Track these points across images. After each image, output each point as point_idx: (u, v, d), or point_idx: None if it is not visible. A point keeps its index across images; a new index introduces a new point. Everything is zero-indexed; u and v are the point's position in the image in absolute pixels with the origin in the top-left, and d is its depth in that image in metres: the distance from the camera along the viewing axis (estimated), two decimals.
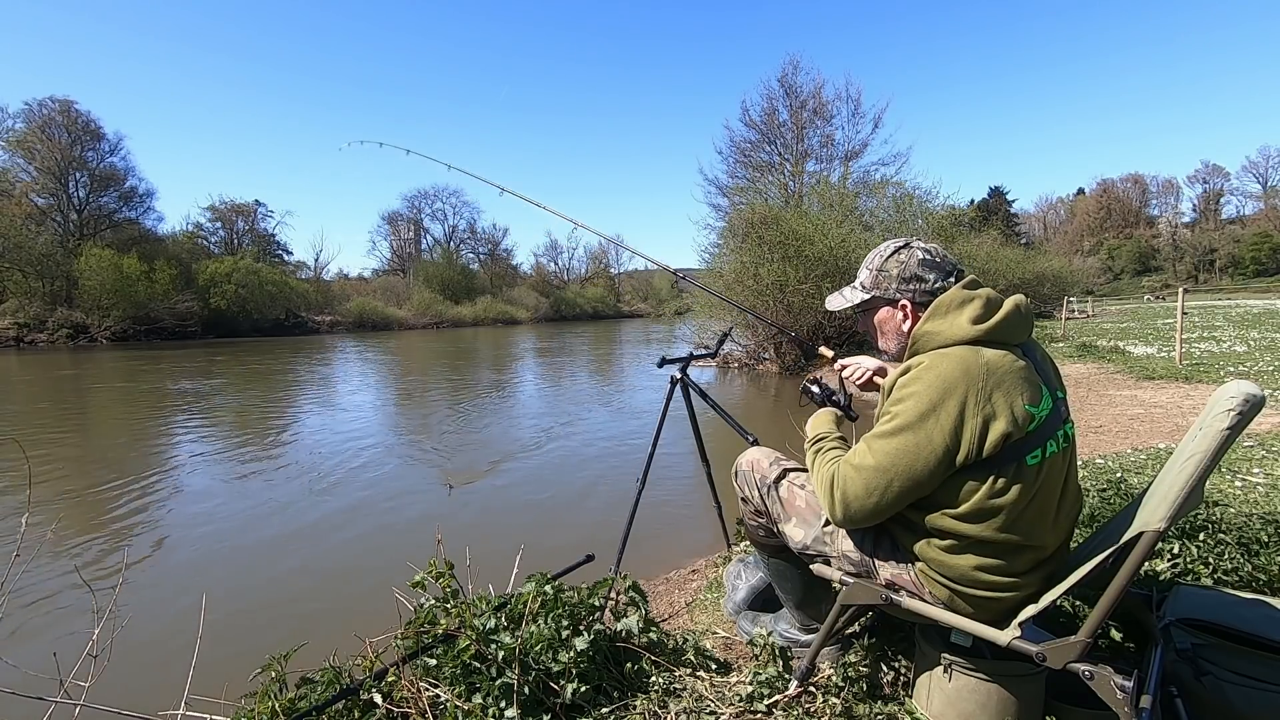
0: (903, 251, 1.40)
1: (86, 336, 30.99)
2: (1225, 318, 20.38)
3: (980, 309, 1.27)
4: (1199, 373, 8.03)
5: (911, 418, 1.21)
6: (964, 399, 1.18)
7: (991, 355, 1.22)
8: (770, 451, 1.72)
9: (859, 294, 1.46)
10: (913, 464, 1.21)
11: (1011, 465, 1.19)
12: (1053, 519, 1.28)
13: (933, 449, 1.19)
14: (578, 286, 71.39)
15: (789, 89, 24.57)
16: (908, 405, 1.22)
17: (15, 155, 35.30)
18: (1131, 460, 3.95)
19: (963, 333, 1.25)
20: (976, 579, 1.26)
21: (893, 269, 1.39)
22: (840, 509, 1.29)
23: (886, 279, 1.39)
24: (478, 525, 4.49)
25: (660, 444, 2.54)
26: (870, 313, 1.46)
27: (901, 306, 1.38)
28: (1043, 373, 1.28)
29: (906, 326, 1.38)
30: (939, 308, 1.30)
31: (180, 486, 5.61)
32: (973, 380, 1.18)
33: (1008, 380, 1.19)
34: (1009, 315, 1.27)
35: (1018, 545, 1.24)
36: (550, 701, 1.47)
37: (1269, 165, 66.80)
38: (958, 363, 1.21)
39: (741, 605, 2.07)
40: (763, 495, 1.63)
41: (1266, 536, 2.09)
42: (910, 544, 1.34)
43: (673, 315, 21.62)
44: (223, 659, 2.61)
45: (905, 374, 1.27)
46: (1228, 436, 1.05)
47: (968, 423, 1.18)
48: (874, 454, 1.24)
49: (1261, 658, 1.28)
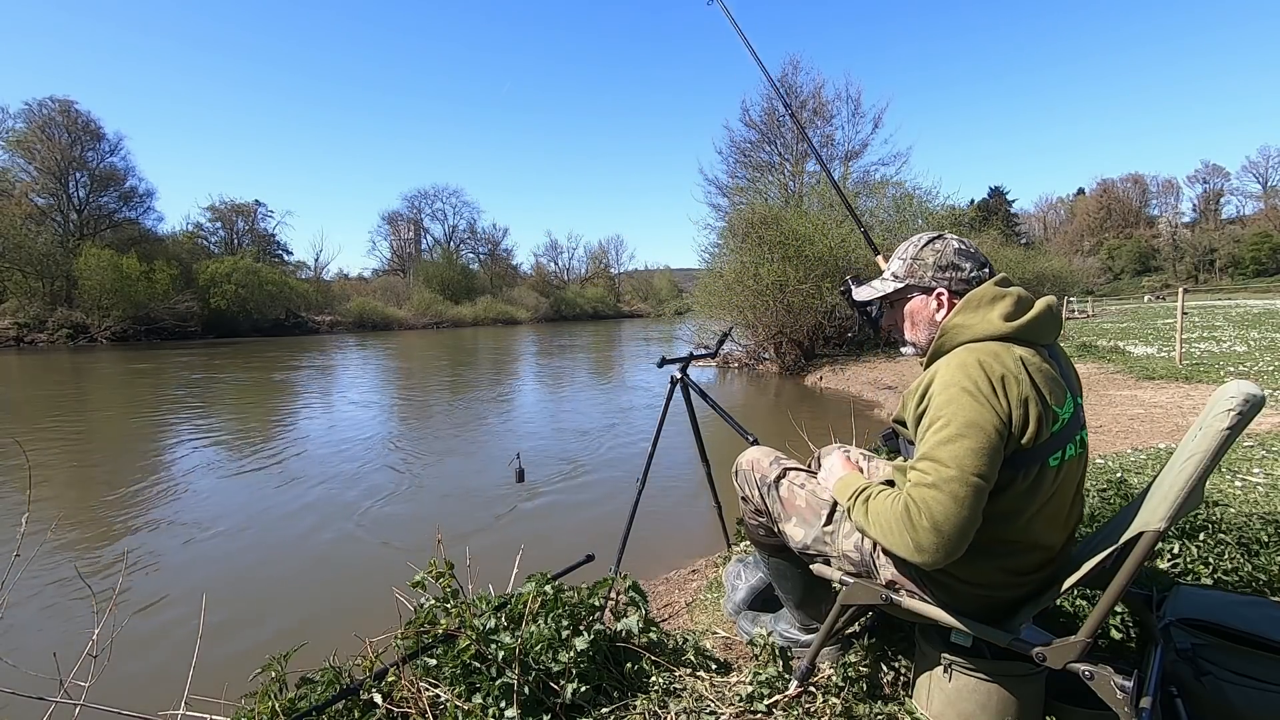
0: (938, 241, 1.39)
1: (86, 336, 31.00)
2: (1225, 318, 20.37)
3: (1012, 306, 1.26)
4: (1199, 373, 8.03)
5: (969, 414, 1.15)
6: (1007, 389, 1.16)
7: (1023, 351, 1.22)
8: (770, 451, 1.72)
9: (891, 283, 1.42)
10: (987, 460, 1.13)
11: (1035, 465, 1.19)
12: (1063, 522, 1.28)
13: (997, 439, 1.14)
14: (578, 286, 71.42)
15: (789, 89, 24.55)
16: (961, 402, 1.16)
17: (15, 155, 35.41)
18: (1131, 460, 3.95)
19: (994, 328, 1.24)
20: (984, 579, 1.26)
21: (929, 257, 1.37)
22: (933, 537, 1.12)
23: (922, 267, 1.37)
24: (478, 525, 4.49)
25: (660, 444, 2.54)
26: (901, 303, 1.43)
27: (937, 295, 1.36)
28: (1066, 376, 1.28)
29: (940, 316, 1.35)
30: (971, 301, 1.28)
31: (180, 486, 5.61)
32: (1010, 372, 1.17)
33: (1038, 378, 1.19)
34: (1040, 315, 1.26)
35: (1029, 546, 1.24)
36: (550, 701, 1.47)
37: (1269, 165, 66.82)
38: (994, 355, 1.19)
39: (741, 605, 2.07)
40: (763, 494, 1.63)
41: (1266, 536, 2.09)
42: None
43: (672, 315, 21.61)
44: (223, 659, 2.62)
45: (938, 375, 1.22)
46: (1228, 436, 1.05)
47: (1014, 411, 1.15)
48: (946, 464, 1.13)
49: (1261, 658, 1.28)
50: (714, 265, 16.11)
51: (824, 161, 3.16)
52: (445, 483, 5.69)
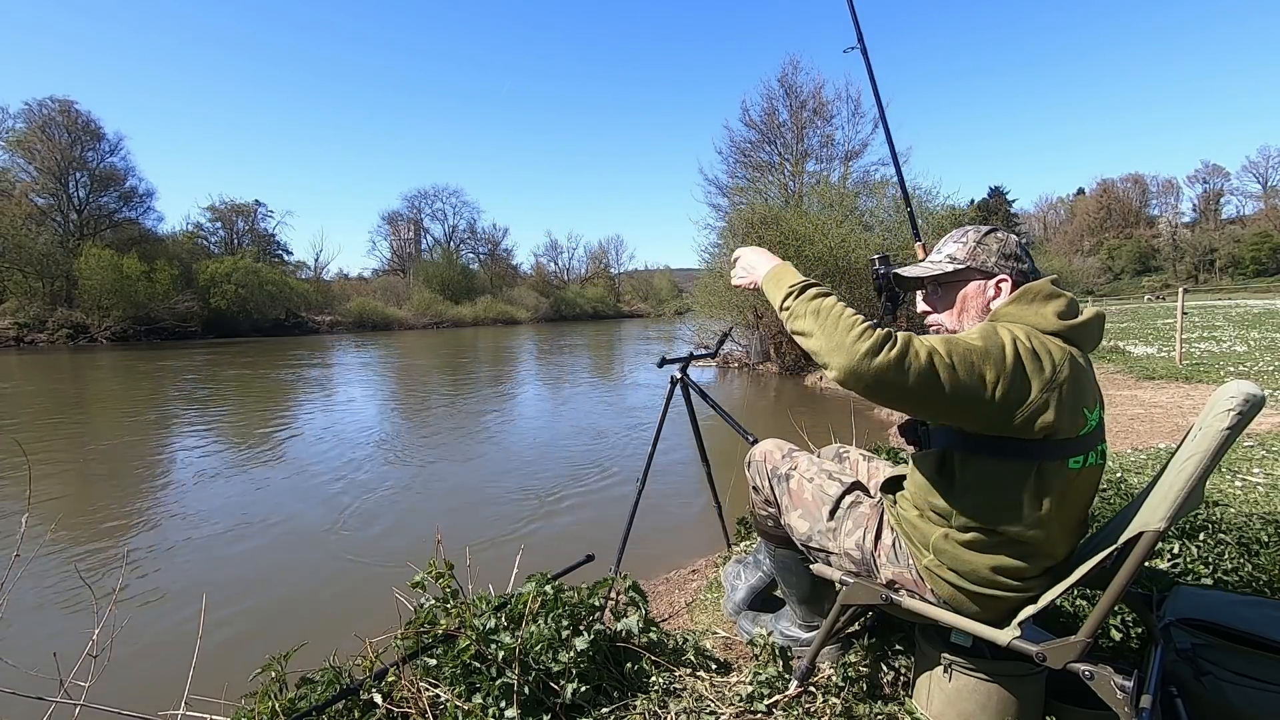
0: (1000, 231, 1.39)
1: (86, 336, 31.00)
2: (1225, 318, 20.38)
3: (1065, 306, 1.27)
4: (1199, 373, 8.03)
5: (996, 350, 1.14)
6: (1041, 364, 1.15)
7: (1071, 349, 1.22)
8: (784, 443, 1.73)
9: (948, 264, 1.37)
10: (977, 381, 1.10)
11: (1055, 462, 1.19)
12: (1073, 529, 1.28)
13: (1000, 389, 1.11)
14: (578, 286, 71.43)
15: (789, 89, 24.51)
16: (995, 340, 1.16)
17: (15, 155, 35.39)
18: (1131, 460, 3.95)
19: (1047, 323, 1.24)
20: (990, 579, 1.25)
21: (993, 244, 1.36)
22: (855, 345, 1.08)
23: (986, 252, 1.35)
24: (478, 525, 4.49)
25: (660, 444, 2.54)
26: (955, 286, 1.38)
27: (998, 282, 1.34)
28: (1095, 386, 1.29)
29: (997, 303, 1.33)
30: (1027, 293, 1.28)
31: (180, 486, 5.61)
32: (1050, 356, 1.17)
33: (1078, 375, 1.19)
34: (1091, 321, 1.27)
35: (1039, 548, 1.24)
36: (550, 701, 1.47)
37: (1269, 165, 66.74)
38: (1041, 340, 1.20)
39: (741, 605, 2.07)
40: (772, 485, 1.64)
41: (1266, 536, 2.09)
42: (928, 536, 1.31)
43: (673, 315, 21.61)
44: (223, 659, 2.62)
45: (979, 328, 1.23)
46: (1228, 436, 1.05)
47: (1034, 388, 1.13)
48: (945, 349, 1.11)
49: (1261, 658, 1.28)
50: (714, 265, 16.10)
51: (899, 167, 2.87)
52: (445, 482, 5.69)
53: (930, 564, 1.32)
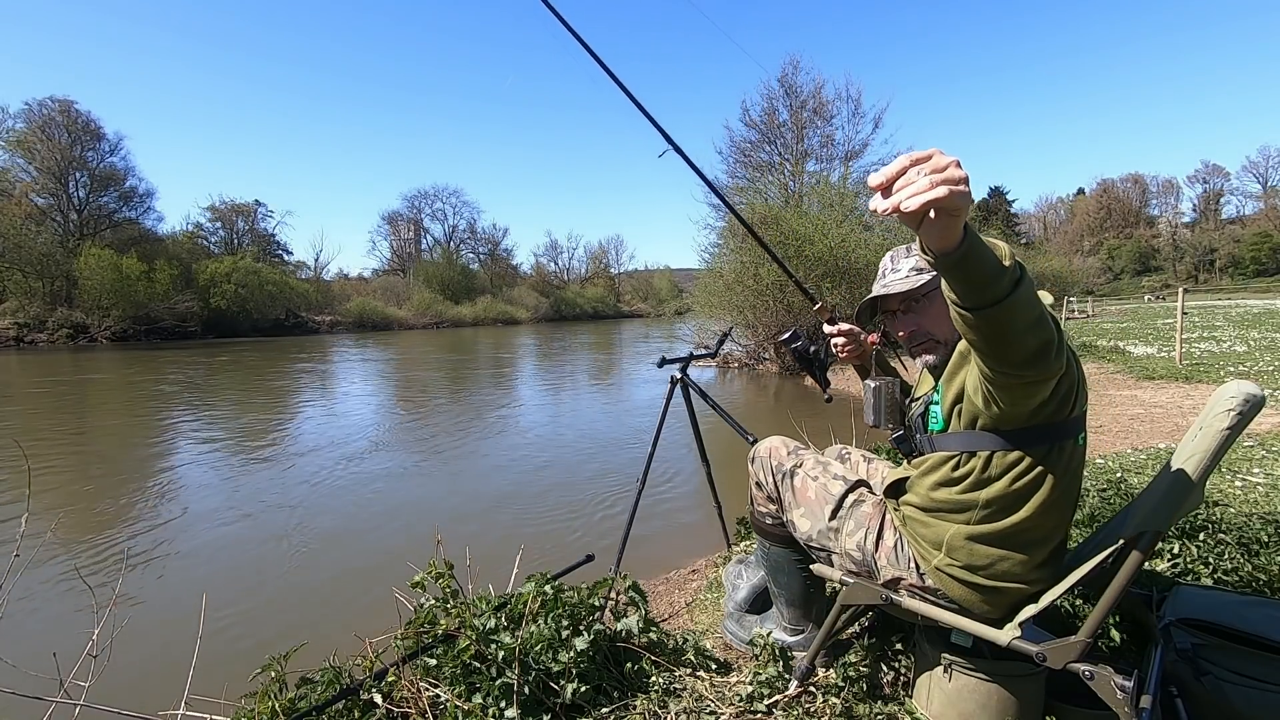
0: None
1: (86, 336, 31.00)
2: (1225, 318, 20.36)
3: (1051, 300, 1.30)
4: (1199, 373, 8.03)
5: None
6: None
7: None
8: (789, 440, 1.73)
9: (927, 275, 1.35)
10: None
11: (1069, 440, 1.21)
12: (1071, 508, 1.29)
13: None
14: (578, 286, 71.48)
15: (789, 89, 24.56)
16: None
17: (15, 155, 35.40)
18: (1131, 460, 3.95)
19: None
20: (1003, 571, 1.25)
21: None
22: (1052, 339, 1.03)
23: None
24: (478, 525, 4.49)
25: (660, 444, 2.54)
26: (935, 293, 1.35)
27: None
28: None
29: None
30: None
31: (180, 486, 5.61)
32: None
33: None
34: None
35: (1050, 533, 1.25)
36: (550, 701, 1.47)
37: (1269, 165, 66.80)
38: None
39: (742, 605, 2.07)
40: (777, 482, 1.64)
41: (1266, 536, 2.09)
42: (942, 535, 1.30)
43: (673, 315, 21.60)
44: (223, 659, 2.62)
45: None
46: (1228, 436, 1.05)
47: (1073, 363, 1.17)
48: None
49: (1261, 658, 1.28)
50: (714, 265, 16.09)
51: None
52: (445, 483, 5.69)
53: (941, 564, 1.31)
